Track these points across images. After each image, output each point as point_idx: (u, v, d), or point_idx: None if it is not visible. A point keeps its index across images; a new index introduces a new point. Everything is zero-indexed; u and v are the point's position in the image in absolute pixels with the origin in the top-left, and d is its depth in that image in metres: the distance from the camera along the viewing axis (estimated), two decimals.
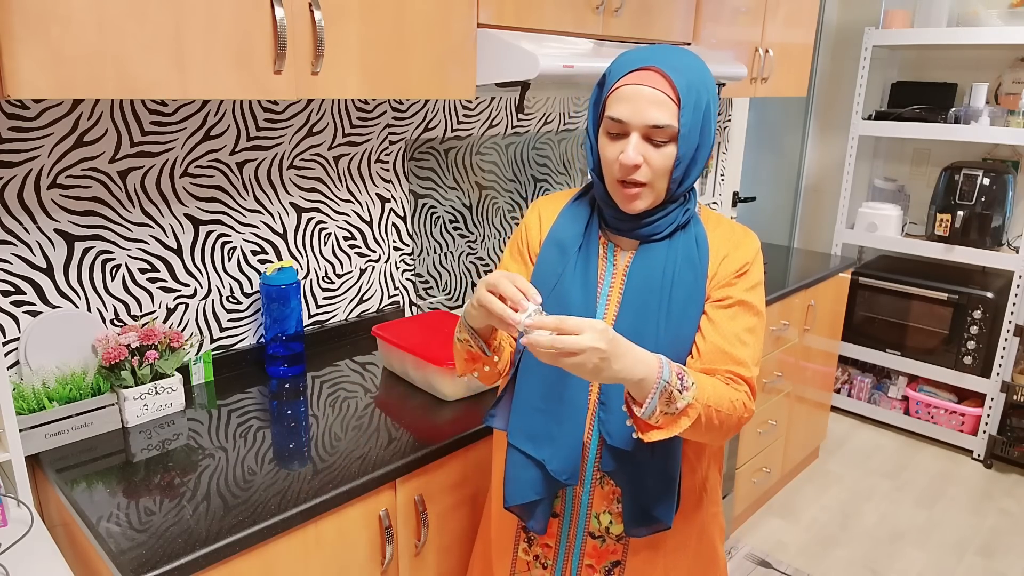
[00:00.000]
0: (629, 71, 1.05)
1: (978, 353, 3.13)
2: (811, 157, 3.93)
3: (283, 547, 1.17)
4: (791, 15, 2.60)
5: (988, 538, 2.67)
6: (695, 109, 1.04)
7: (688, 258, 1.12)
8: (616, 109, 1.05)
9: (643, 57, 1.05)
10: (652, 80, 1.03)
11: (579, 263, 1.15)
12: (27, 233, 1.36)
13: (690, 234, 1.14)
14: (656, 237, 1.13)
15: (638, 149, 1.04)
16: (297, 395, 1.58)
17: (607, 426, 1.11)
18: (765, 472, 2.67)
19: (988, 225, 3.07)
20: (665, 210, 1.12)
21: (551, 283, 1.14)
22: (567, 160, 2.43)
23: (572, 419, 1.13)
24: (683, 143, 1.05)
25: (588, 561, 1.21)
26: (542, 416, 1.15)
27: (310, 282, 1.83)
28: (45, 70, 1.01)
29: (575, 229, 1.17)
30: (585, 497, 1.18)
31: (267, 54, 1.23)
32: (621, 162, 1.05)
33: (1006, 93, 3.23)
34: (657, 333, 1.10)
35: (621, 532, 1.19)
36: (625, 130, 1.05)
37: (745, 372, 1.09)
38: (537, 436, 1.15)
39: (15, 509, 1.22)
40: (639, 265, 1.13)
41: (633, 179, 1.06)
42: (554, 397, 1.14)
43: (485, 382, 1.23)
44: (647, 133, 1.04)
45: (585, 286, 1.14)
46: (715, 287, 1.13)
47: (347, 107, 1.80)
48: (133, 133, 1.46)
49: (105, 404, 1.38)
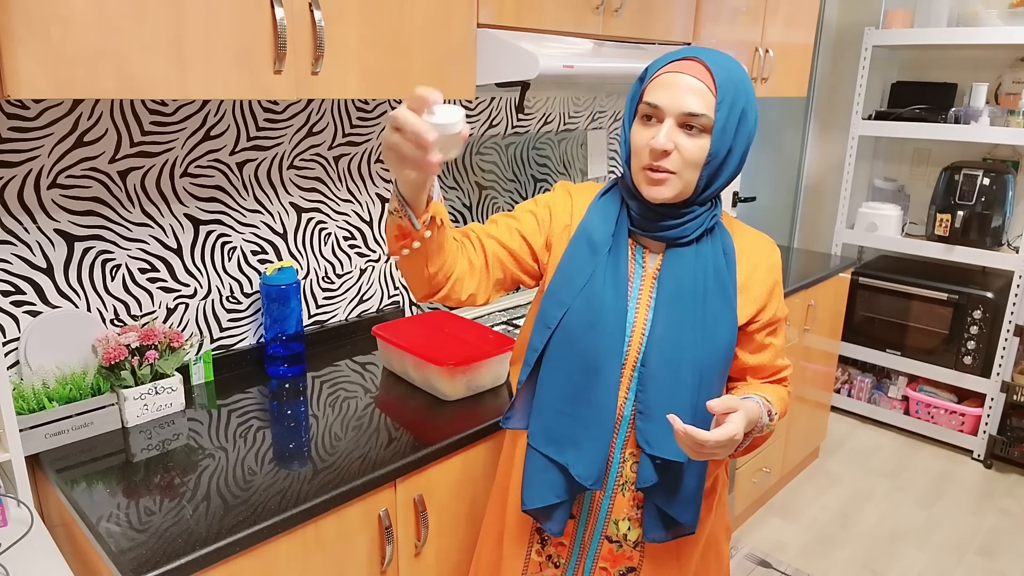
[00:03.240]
0: (671, 61, 1.05)
1: (978, 353, 3.13)
2: (811, 157, 3.92)
3: (283, 547, 1.17)
4: (791, 15, 2.60)
5: (988, 538, 2.67)
6: (732, 107, 1.03)
7: (717, 267, 1.11)
8: (653, 95, 1.04)
9: (687, 51, 1.05)
10: (692, 69, 1.03)
11: (609, 263, 1.12)
12: (27, 233, 1.36)
13: (717, 241, 1.13)
14: (683, 240, 1.11)
15: (670, 135, 1.02)
16: (297, 395, 1.58)
17: (647, 435, 1.09)
18: (765, 472, 2.68)
19: (988, 225, 3.07)
20: (692, 212, 1.09)
21: (581, 281, 1.11)
22: (567, 160, 2.43)
23: (601, 424, 1.10)
24: (716, 138, 1.03)
25: (603, 564, 1.19)
26: (567, 419, 1.12)
27: (310, 282, 1.83)
28: (45, 70, 1.01)
29: (605, 226, 1.13)
30: (605, 502, 1.16)
31: (267, 54, 1.23)
32: (651, 146, 1.03)
33: (1006, 93, 3.23)
34: (694, 343, 1.09)
35: (638, 538, 1.17)
36: (660, 116, 1.03)
37: (787, 372, 1.22)
38: (560, 440, 1.12)
39: (15, 509, 1.22)
40: (669, 271, 1.11)
41: (661, 165, 1.03)
42: (581, 401, 1.11)
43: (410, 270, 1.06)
44: (682, 121, 1.02)
45: (616, 287, 1.11)
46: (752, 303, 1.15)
47: (347, 107, 1.80)
48: (133, 133, 1.46)
49: (105, 404, 1.38)
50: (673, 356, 1.08)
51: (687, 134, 1.03)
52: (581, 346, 1.10)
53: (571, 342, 1.10)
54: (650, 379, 1.09)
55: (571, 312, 1.10)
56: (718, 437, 0.95)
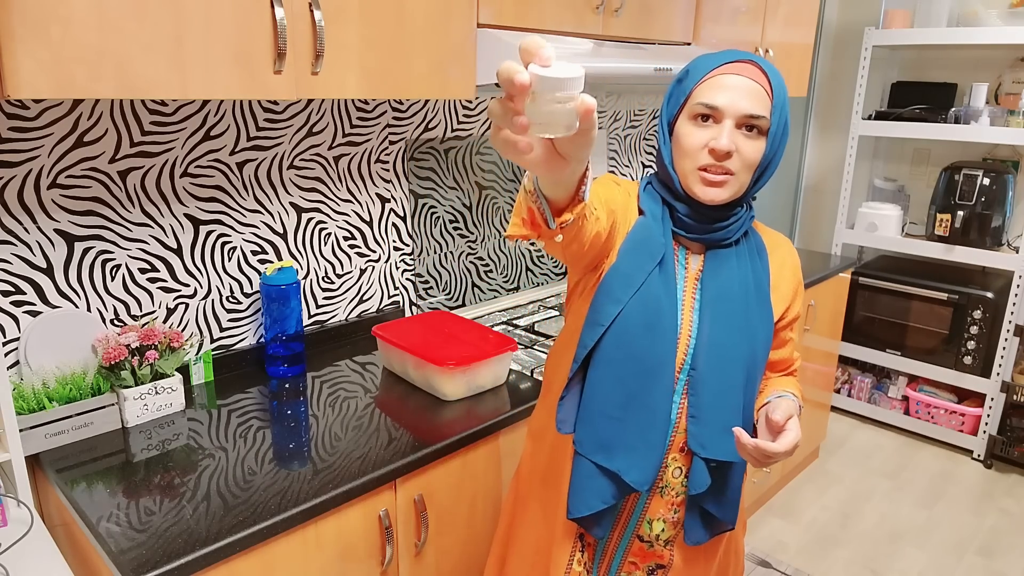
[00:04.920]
0: (726, 62, 1.04)
1: (978, 353, 3.13)
2: (811, 157, 3.93)
3: (283, 547, 1.17)
4: (791, 15, 2.60)
5: (988, 538, 2.67)
6: (782, 111, 1.04)
7: (755, 268, 1.13)
8: (711, 96, 1.02)
9: (737, 54, 1.05)
10: (750, 72, 1.03)
11: (660, 266, 1.09)
12: (27, 233, 1.36)
13: (751, 242, 1.14)
14: (726, 242, 1.11)
15: (731, 137, 1.02)
16: (297, 395, 1.58)
17: (700, 439, 1.08)
18: (765, 472, 2.68)
19: (988, 225, 3.07)
20: (736, 214, 1.10)
21: (639, 280, 1.06)
22: None
23: (657, 428, 1.08)
24: (771, 140, 1.04)
25: (632, 559, 1.19)
26: (618, 425, 1.08)
27: (310, 282, 1.83)
28: (45, 70, 1.01)
29: (656, 228, 1.10)
30: (641, 502, 1.15)
31: (267, 54, 1.23)
32: (712, 147, 1.02)
33: (1006, 93, 3.23)
34: (739, 343, 1.08)
35: (671, 538, 1.16)
36: (718, 116, 1.02)
37: (797, 363, 1.27)
38: (611, 446, 1.09)
39: (15, 509, 1.22)
40: (712, 273, 1.10)
41: (721, 166, 1.02)
42: (636, 405, 1.08)
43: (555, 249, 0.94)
44: (742, 122, 1.02)
45: (667, 290, 1.08)
46: (782, 301, 1.18)
47: (347, 107, 1.80)
48: (133, 133, 1.46)
49: (105, 404, 1.38)
50: (722, 358, 1.08)
51: (746, 136, 1.03)
52: (637, 348, 1.06)
53: (626, 344, 1.07)
54: (701, 382, 1.07)
55: (627, 312, 1.06)
56: (786, 447, 0.99)
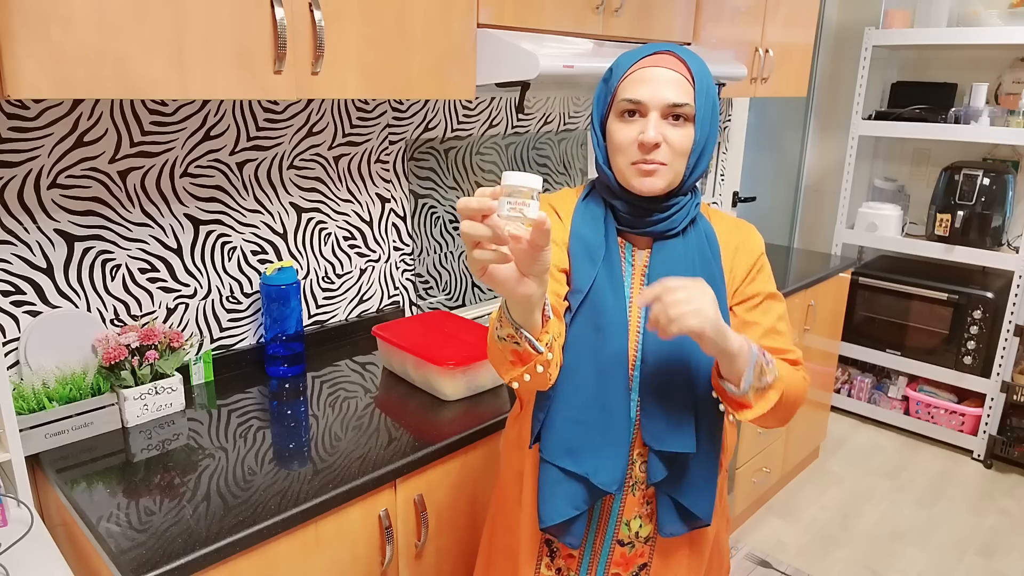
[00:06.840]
0: (643, 56, 1.06)
1: (978, 353, 3.13)
2: (811, 157, 3.93)
3: (283, 547, 1.17)
4: (791, 15, 2.60)
5: (988, 538, 2.67)
6: (707, 95, 1.05)
7: (703, 255, 1.12)
8: (633, 91, 1.04)
9: (652, 47, 1.07)
10: (668, 62, 1.04)
11: (604, 265, 1.11)
12: (27, 233, 1.36)
13: (699, 230, 1.14)
14: (671, 233, 1.11)
15: (658, 128, 1.03)
16: (297, 395, 1.58)
17: (652, 432, 1.08)
18: (765, 472, 2.67)
19: (988, 225, 3.07)
20: (677, 203, 1.10)
21: (585, 288, 1.09)
22: (567, 160, 2.43)
23: (618, 427, 1.09)
24: (699, 125, 1.05)
25: (615, 569, 1.18)
26: (582, 428, 1.09)
27: (310, 282, 1.83)
28: (45, 70, 1.01)
29: (596, 230, 1.13)
30: (616, 505, 1.15)
31: (267, 54, 1.23)
32: (641, 141, 1.03)
33: (1006, 93, 3.23)
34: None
35: (649, 534, 1.16)
36: (643, 110, 1.04)
37: (792, 355, 1.14)
38: (577, 449, 1.09)
39: (15, 509, 1.22)
40: (659, 265, 1.11)
41: (652, 158, 1.04)
42: (595, 407, 1.09)
43: (537, 387, 1.00)
44: (667, 112, 1.04)
45: (614, 289, 1.10)
46: (736, 283, 1.14)
47: (347, 107, 1.80)
48: (133, 133, 1.46)
49: (105, 404, 1.38)
50: (669, 350, 1.08)
51: (673, 125, 1.05)
52: (591, 350, 1.09)
53: (580, 348, 1.09)
54: (649, 375, 1.09)
55: (578, 317, 1.09)
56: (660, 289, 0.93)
